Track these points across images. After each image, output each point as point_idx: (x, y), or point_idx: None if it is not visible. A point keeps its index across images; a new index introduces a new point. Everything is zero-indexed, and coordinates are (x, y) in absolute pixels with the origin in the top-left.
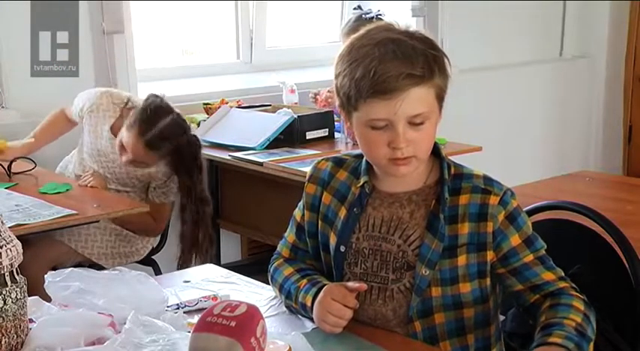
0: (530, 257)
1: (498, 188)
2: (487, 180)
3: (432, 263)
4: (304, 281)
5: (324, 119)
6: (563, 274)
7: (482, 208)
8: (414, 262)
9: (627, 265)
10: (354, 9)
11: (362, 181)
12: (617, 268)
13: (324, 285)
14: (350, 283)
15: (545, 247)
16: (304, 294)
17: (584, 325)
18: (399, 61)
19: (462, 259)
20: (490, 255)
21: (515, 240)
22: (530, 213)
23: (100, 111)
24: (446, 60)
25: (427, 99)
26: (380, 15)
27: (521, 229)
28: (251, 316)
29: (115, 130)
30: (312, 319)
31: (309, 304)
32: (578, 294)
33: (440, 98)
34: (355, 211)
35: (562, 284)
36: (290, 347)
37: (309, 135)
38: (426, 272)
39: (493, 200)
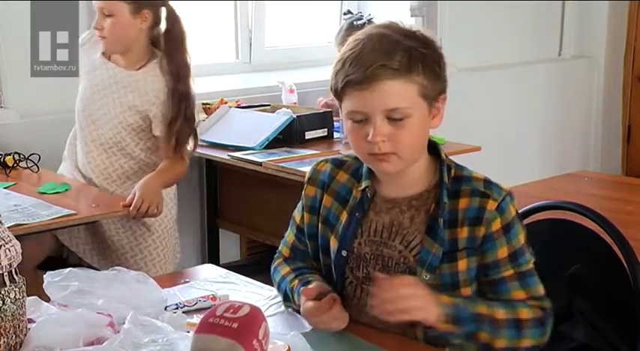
0: (510, 272)
1: (497, 193)
2: (487, 183)
3: (432, 268)
4: (296, 282)
5: (323, 119)
6: (541, 293)
7: (480, 212)
8: (415, 268)
9: (626, 265)
10: (345, 14)
11: (364, 185)
12: (616, 268)
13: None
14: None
15: (533, 260)
16: (297, 296)
17: (500, 322)
18: (377, 53)
19: (462, 264)
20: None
21: (502, 252)
22: (529, 213)
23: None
24: (441, 60)
25: (406, 94)
26: (371, 19)
27: (511, 242)
28: (253, 317)
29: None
30: None
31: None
32: (539, 314)
33: (427, 97)
34: (357, 216)
35: (530, 302)
36: (289, 347)
37: (308, 135)
38: (426, 277)
39: (491, 205)
